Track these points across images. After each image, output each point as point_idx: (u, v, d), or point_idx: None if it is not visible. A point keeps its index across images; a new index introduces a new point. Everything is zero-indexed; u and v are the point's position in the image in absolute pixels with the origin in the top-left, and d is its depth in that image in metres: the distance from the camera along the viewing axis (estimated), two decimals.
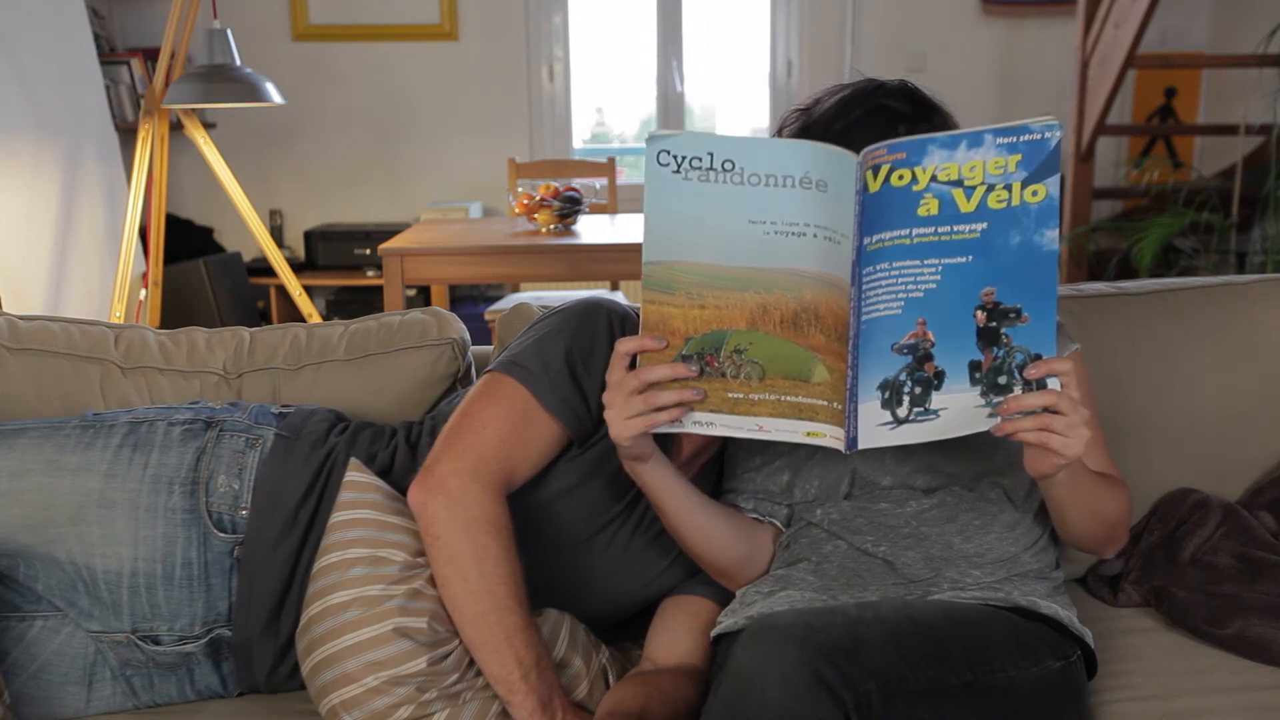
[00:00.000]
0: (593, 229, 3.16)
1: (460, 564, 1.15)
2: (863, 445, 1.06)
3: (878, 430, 1.05)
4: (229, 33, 3.00)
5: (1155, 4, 3.62)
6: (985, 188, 1.03)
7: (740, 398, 1.05)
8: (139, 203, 3.07)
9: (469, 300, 4.61)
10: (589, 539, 1.29)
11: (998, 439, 1.05)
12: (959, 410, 1.04)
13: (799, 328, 1.05)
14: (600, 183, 3.85)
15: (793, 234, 1.04)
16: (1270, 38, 3.58)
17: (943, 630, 1.08)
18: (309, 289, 3.82)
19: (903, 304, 1.04)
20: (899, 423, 1.05)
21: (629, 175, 5.06)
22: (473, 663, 1.17)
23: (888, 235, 1.04)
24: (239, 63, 3.01)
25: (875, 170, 1.04)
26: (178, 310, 3.81)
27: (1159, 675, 1.29)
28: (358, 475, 1.25)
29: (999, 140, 1.03)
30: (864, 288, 1.05)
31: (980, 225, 1.03)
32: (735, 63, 5.03)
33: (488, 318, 3.54)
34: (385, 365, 1.55)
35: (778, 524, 1.32)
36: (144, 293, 3.24)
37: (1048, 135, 1.02)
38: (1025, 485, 1.27)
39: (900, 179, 1.04)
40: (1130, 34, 3.76)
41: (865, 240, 1.05)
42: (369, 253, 4.42)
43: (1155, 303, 1.65)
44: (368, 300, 4.48)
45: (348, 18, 4.61)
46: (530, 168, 4.04)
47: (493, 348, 1.70)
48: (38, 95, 3.07)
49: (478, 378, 1.37)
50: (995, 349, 1.03)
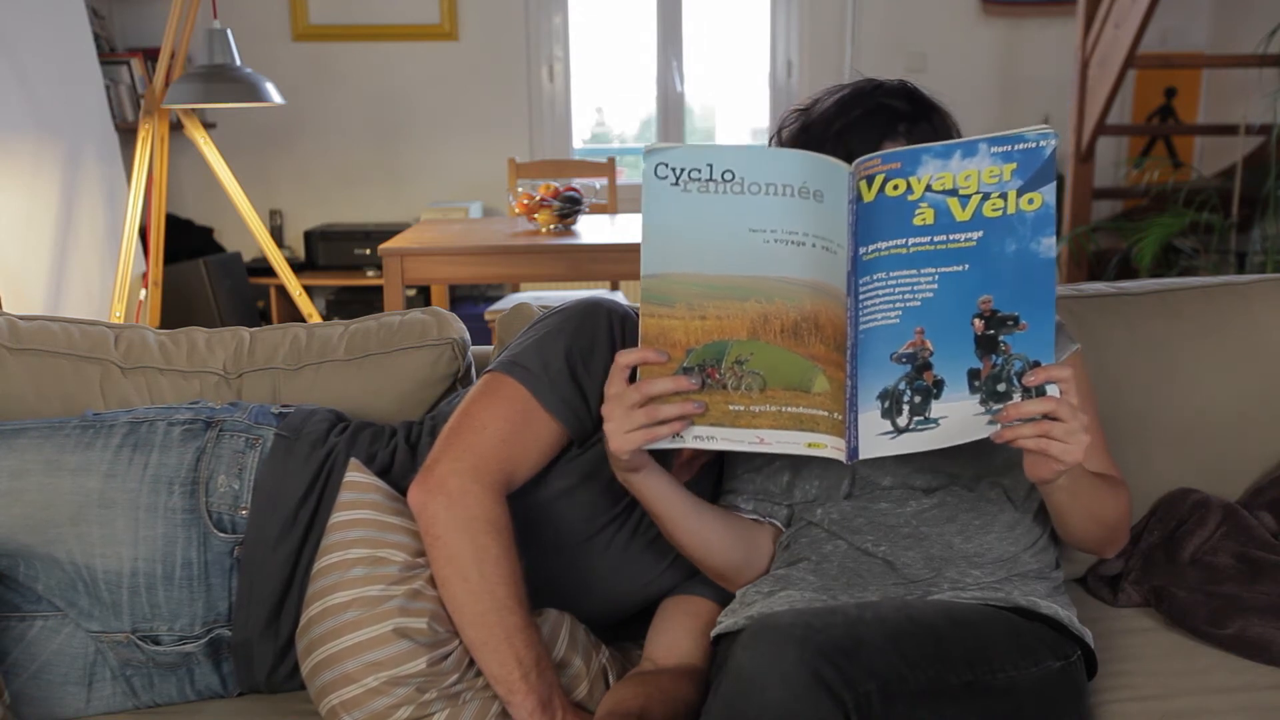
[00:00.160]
0: (593, 229, 3.16)
1: (460, 564, 1.15)
2: (864, 455, 1.06)
3: (878, 440, 1.05)
4: (229, 33, 3.00)
5: (1155, 4, 3.62)
6: (980, 196, 1.03)
7: (741, 410, 1.05)
8: (139, 203, 3.07)
9: (469, 300, 4.61)
10: (589, 539, 1.29)
11: None
12: (959, 418, 1.04)
13: (799, 337, 1.05)
14: (600, 183, 3.85)
15: (792, 243, 1.05)
16: (1270, 38, 3.58)
17: (943, 630, 1.08)
18: (309, 289, 3.82)
19: (900, 313, 1.05)
20: (899, 432, 1.05)
21: (629, 175, 5.06)
22: (472, 663, 1.17)
23: (884, 245, 1.05)
24: (239, 63, 3.01)
25: (869, 180, 1.05)
26: (178, 310, 3.81)
27: (1159, 675, 1.29)
28: (358, 475, 1.25)
29: (993, 149, 1.03)
30: (861, 298, 1.05)
31: (976, 234, 1.04)
32: (735, 63, 5.03)
33: (488, 318, 3.54)
34: (385, 365, 1.55)
35: (778, 524, 1.32)
36: (144, 293, 3.24)
37: (1042, 144, 1.03)
38: (1025, 485, 1.27)
39: (895, 189, 1.04)
40: (1130, 34, 3.76)
41: (861, 250, 1.05)
42: (369, 253, 4.42)
43: (1155, 303, 1.65)
44: (368, 300, 4.48)
45: (348, 18, 4.61)
46: (530, 168, 4.04)
47: (493, 348, 1.70)
48: (38, 95, 3.07)
49: (478, 378, 1.37)
50: (994, 357, 1.03)
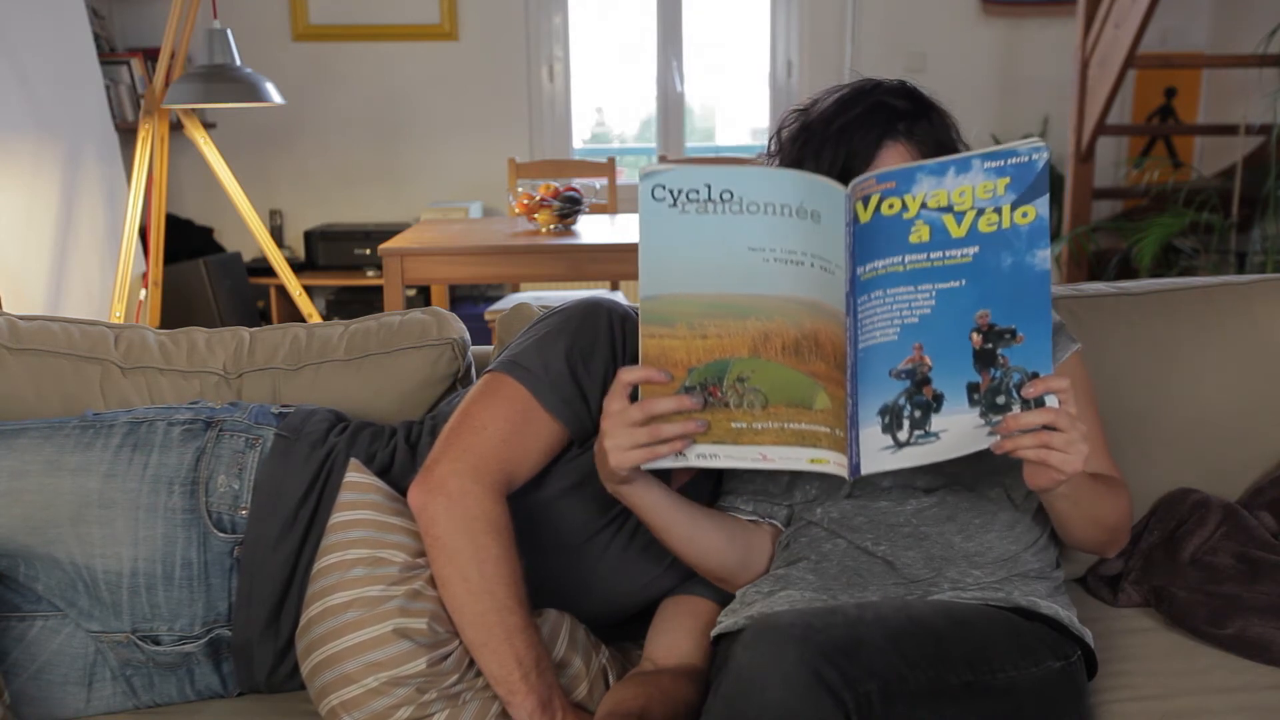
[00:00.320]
0: (593, 229, 3.16)
1: (460, 564, 1.15)
2: (865, 471, 1.06)
3: (880, 455, 1.06)
4: (229, 33, 3.00)
5: (1155, 4, 3.62)
6: (975, 212, 1.04)
7: (744, 427, 1.05)
8: (139, 203, 3.07)
9: (469, 300, 4.61)
10: (589, 539, 1.29)
11: None
12: (959, 431, 1.05)
13: (800, 355, 1.05)
14: (600, 183, 3.85)
15: (791, 262, 1.05)
16: (1270, 38, 3.58)
17: (943, 630, 1.08)
18: (309, 289, 3.82)
19: (899, 330, 1.05)
20: (900, 446, 1.05)
21: (629, 175, 5.06)
22: (472, 663, 1.17)
23: (881, 264, 1.06)
24: (239, 63, 3.01)
25: (865, 201, 1.05)
26: (178, 310, 3.81)
27: (1159, 675, 1.29)
28: (358, 476, 1.25)
29: (987, 164, 1.04)
30: (859, 316, 1.06)
31: (972, 249, 1.04)
32: (735, 63, 5.03)
33: (488, 318, 3.54)
34: (385, 365, 1.55)
35: (777, 524, 1.32)
36: (144, 293, 3.24)
37: (1035, 157, 1.03)
38: (1025, 484, 1.27)
39: (890, 208, 1.05)
40: (1130, 34, 3.76)
41: (859, 270, 1.06)
42: (369, 253, 4.42)
43: (1155, 303, 1.65)
44: (368, 300, 4.48)
45: (348, 18, 4.61)
46: (530, 168, 4.04)
47: (493, 348, 1.70)
48: (38, 95, 3.07)
49: (478, 378, 1.37)
50: (992, 370, 1.04)
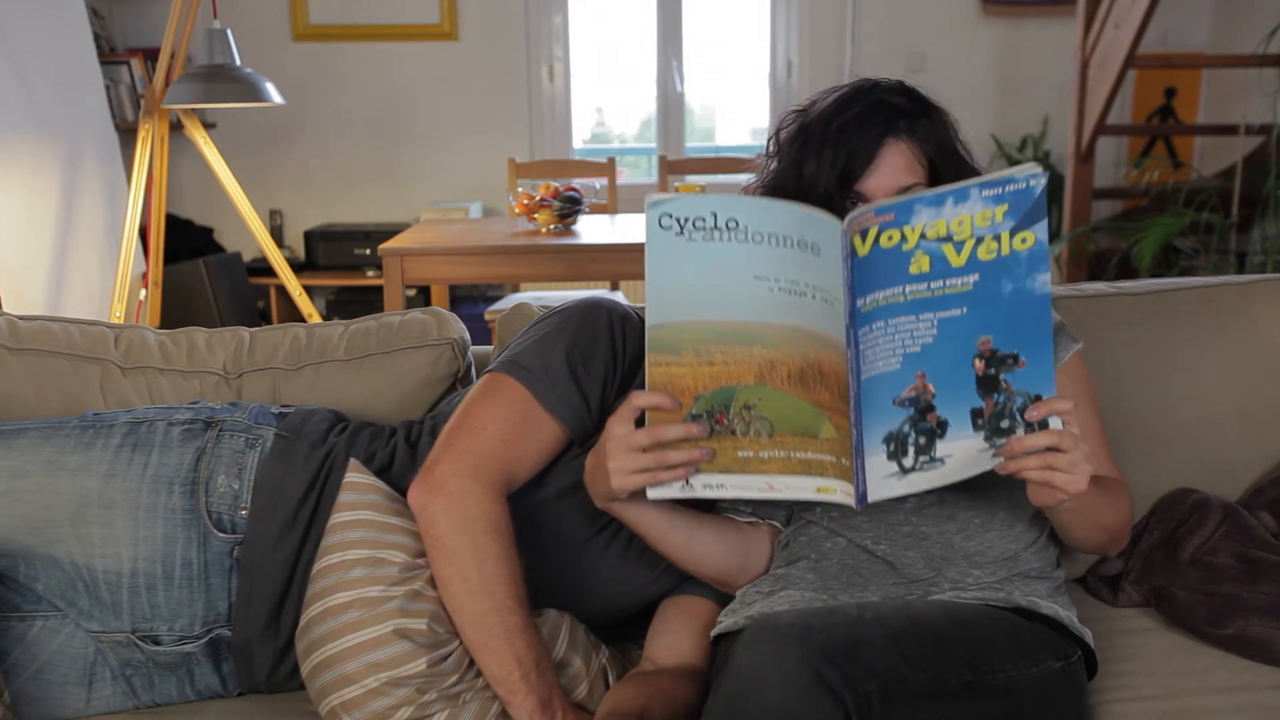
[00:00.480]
0: (593, 229, 3.16)
1: (460, 564, 1.15)
2: (873, 499, 1.07)
3: (886, 481, 1.06)
4: (229, 33, 3.00)
5: (1155, 4, 3.62)
6: (974, 240, 1.04)
7: (750, 456, 1.05)
8: (139, 203, 3.07)
9: (469, 300, 4.61)
10: (589, 539, 1.29)
11: None
12: (964, 455, 1.05)
13: (806, 384, 1.05)
14: (600, 183, 3.85)
15: (794, 292, 1.06)
16: (1270, 38, 3.58)
17: (943, 630, 1.08)
18: (309, 289, 3.82)
19: (901, 359, 1.06)
20: (905, 472, 1.06)
21: (629, 175, 5.06)
22: (472, 663, 1.17)
23: (881, 294, 1.06)
24: (239, 63, 3.01)
25: (863, 235, 1.06)
26: (178, 310, 3.81)
27: (1159, 675, 1.29)
28: (357, 476, 1.25)
29: (985, 193, 1.04)
30: (861, 348, 1.07)
31: (972, 277, 1.05)
32: (735, 63, 5.03)
33: (488, 318, 3.54)
34: (385, 365, 1.55)
35: (777, 524, 1.32)
36: (144, 293, 3.24)
37: (1033, 184, 1.03)
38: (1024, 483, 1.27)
39: (889, 239, 1.06)
40: (1130, 34, 3.75)
41: (859, 302, 1.06)
42: (369, 253, 4.41)
43: (1155, 303, 1.65)
44: (368, 300, 4.48)
45: (348, 18, 4.60)
46: (530, 168, 4.04)
47: (493, 348, 1.70)
48: (38, 95, 3.07)
49: (478, 377, 1.37)
50: (995, 395, 1.04)
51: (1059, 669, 1.13)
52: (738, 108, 5.16)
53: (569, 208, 3.08)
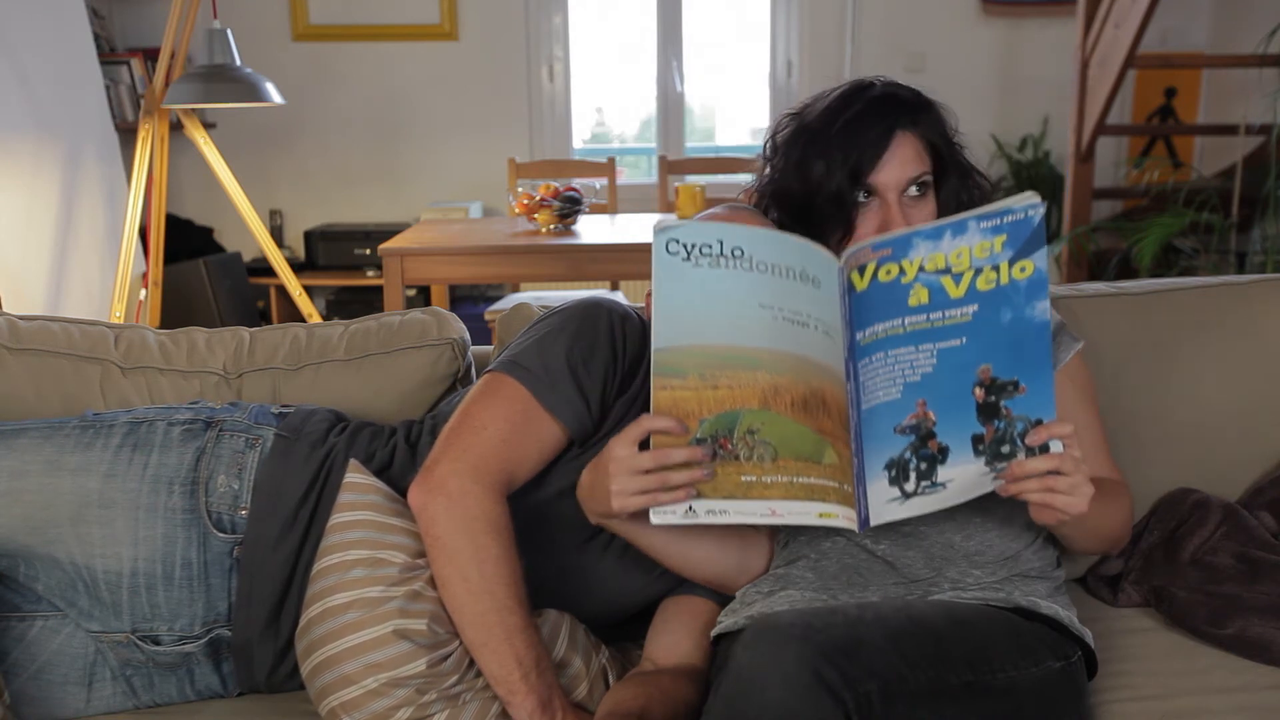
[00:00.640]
0: (593, 229, 3.16)
1: (460, 564, 1.15)
2: (874, 522, 1.07)
3: (888, 506, 1.07)
4: (229, 33, 3.00)
5: (1155, 4, 3.62)
6: (973, 272, 1.05)
7: (754, 480, 1.05)
8: (139, 203, 3.07)
9: (469, 300, 4.61)
10: (589, 540, 1.29)
11: None
12: (964, 480, 1.06)
13: (809, 410, 1.05)
14: (600, 183, 3.85)
15: (797, 322, 1.06)
16: (1270, 38, 3.58)
17: (943, 630, 1.09)
18: (309, 289, 3.82)
19: (901, 388, 1.06)
20: (907, 497, 1.06)
21: (629, 175, 5.06)
22: (472, 664, 1.17)
23: (881, 327, 1.06)
24: (239, 63, 3.01)
25: (861, 270, 1.06)
26: (178, 310, 3.81)
27: (1159, 675, 1.29)
28: (357, 477, 1.25)
29: (983, 224, 1.04)
30: (861, 379, 1.07)
31: (971, 308, 1.05)
32: (735, 63, 5.03)
33: (488, 318, 3.54)
34: (385, 365, 1.55)
35: None
36: (144, 293, 3.24)
37: (1031, 213, 1.03)
38: None
39: (888, 274, 1.06)
40: (1130, 34, 3.75)
41: (858, 335, 1.07)
42: (369, 253, 4.41)
43: (1155, 303, 1.65)
44: (368, 300, 4.48)
45: (348, 18, 4.60)
46: (530, 168, 4.04)
47: (493, 348, 1.70)
48: (38, 95, 3.07)
49: (478, 377, 1.37)
50: (996, 421, 1.04)
51: (1059, 669, 1.13)
52: (738, 108, 5.16)
53: (569, 208, 3.07)
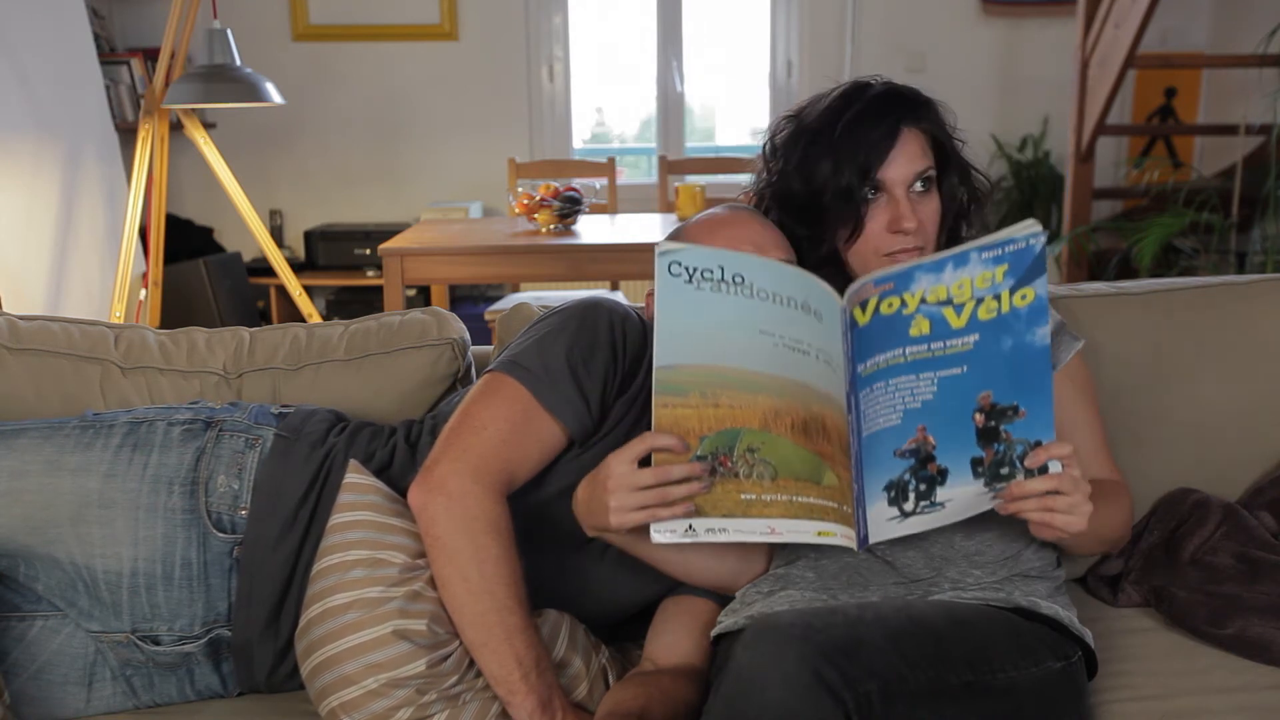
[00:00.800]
0: (593, 229, 3.16)
1: (460, 564, 1.15)
2: (873, 540, 1.08)
3: (887, 525, 1.08)
4: (229, 33, 3.00)
5: (1155, 4, 3.62)
6: (975, 302, 1.05)
7: (753, 499, 1.05)
8: (139, 203, 3.07)
9: (469, 300, 4.61)
10: (589, 540, 1.29)
11: None
12: (963, 500, 1.06)
13: (809, 434, 1.06)
14: (600, 183, 3.85)
15: (798, 350, 1.06)
16: (1270, 38, 3.58)
17: (943, 630, 1.09)
18: (309, 289, 3.82)
19: (902, 414, 1.06)
20: (906, 516, 1.07)
21: (629, 175, 5.06)
22: (472, 664, 1.17)
23: (882, 358, 1.07)
24: (239, 63, 3.01)
25: (863, 306, 1.07)
26: (178, 310, 3.81)
27: (1159, 675, 1.29)
28: (357, 477, 1.25)
29: (984, 255, 1.05)
30: (862, 409, 1.07)
31: (972, 337, 1.05)
32: (735, 63, 5.02)
33: (488, 318, 3.54)
34: (385, 365, 1.55)
35: None
36: (144, 293, 3.24)
37: (1032, 242, 1.04)
38: None
39: (889, 306, 1.07)
40: (1130, 34, 3.75)
41: (860, 367, 1.07)
42: (369, 253, 4.42)
43: (1155, 303, 1.65)
44: (368, 300, 4.48)
45: (348, 18, 4.60)
46: (530, 168, 4.04)
47: (493, 348, 1.70)
48: (38, 95, 3.07)
49: (478, 377, 1.37)
50: (995, 445, 1.05)
51: (1059, 669, 1.13)
52: (738, 108, 5.16)
53: (569, 208, 3.07)
